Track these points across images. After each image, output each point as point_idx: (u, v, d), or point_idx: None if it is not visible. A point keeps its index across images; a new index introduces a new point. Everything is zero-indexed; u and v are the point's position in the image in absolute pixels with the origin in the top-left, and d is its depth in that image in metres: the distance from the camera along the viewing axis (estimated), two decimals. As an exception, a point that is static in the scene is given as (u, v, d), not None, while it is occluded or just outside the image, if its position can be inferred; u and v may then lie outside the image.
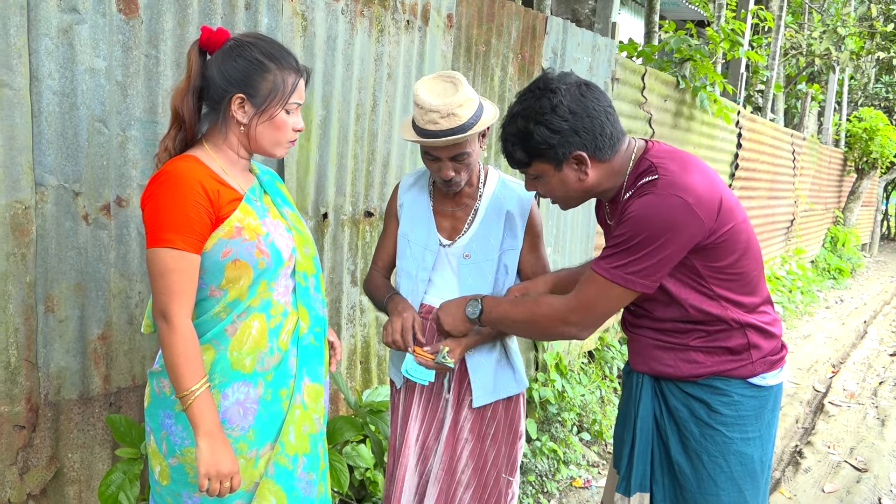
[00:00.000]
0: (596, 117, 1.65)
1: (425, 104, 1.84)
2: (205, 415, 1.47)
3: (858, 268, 13.02)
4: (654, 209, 1.58)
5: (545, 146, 1.66)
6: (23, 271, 1.87)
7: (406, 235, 2.10)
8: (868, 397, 5.44)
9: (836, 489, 3.81)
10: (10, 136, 1.79)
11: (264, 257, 1.59)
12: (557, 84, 1.66)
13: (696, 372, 1.74)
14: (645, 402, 1.85)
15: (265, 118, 1.59)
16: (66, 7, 1.86)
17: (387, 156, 3.02)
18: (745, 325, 1.72)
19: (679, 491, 1.80)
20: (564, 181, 1.72)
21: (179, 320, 1.48)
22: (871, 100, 18.73)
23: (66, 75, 1.89)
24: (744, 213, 1.71)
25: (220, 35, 1.57)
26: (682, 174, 1.61)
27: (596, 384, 4.35)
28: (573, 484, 3.56)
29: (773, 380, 1.77)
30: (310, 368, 1.72)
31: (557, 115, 1.63)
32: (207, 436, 1.47)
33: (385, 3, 2.85)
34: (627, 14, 11.70)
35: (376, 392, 2.79)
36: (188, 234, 1.48)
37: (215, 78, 1.56)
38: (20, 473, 1.95)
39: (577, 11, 5.68)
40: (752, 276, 1.73)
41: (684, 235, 1.57)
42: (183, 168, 1.51)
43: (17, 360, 1.89)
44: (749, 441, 1.75)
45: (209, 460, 1.47)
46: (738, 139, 7.52)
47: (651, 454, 1.85)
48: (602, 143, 1.67)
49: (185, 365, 1.47)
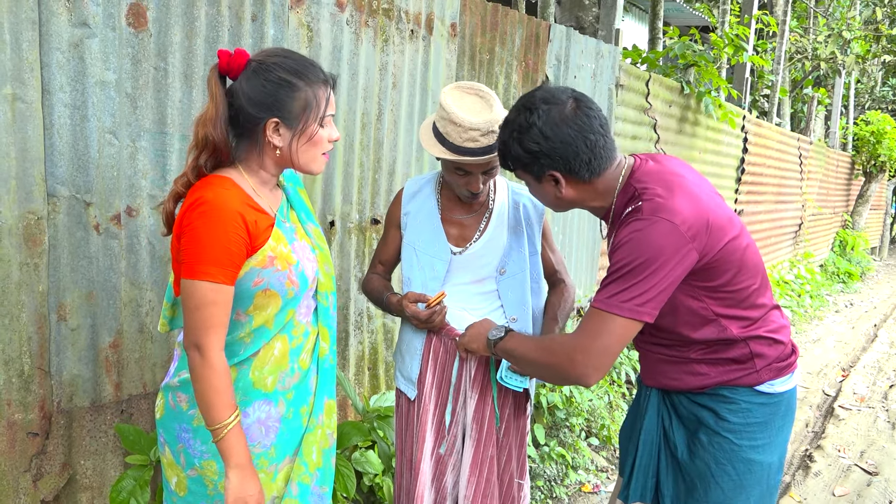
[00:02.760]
0: (570, 143, 1.62)
1: (464, 122, 1.83)
2: (235, 448, 1.48)
3: (868, 271, 12.95)
4: (642, 234, 1.55)
5: (521, 162, 1.68)
6: (35, 280, 1.90)
7: (413, 244, 2.08)
8: (878, 401, 5.41)
9: (846, 493, 3.79)
10: (22, 149, 1.83)
11: (294, 287, 1.58)
12: (539, 104, 1.64)
13: (702, 383, 1.73)
14: (650, 415, 1.85)
15: (304, 139, 1.55)
16: (76, 21, 1.90)
17: (392, 164, 3.05)
18: (747, 338, 1.70)
19: (688, 499, 1.80)
20: (544, 193, 1.74)
21: (214, 354, 1.46)
22: (877, 103, 18.69)
23: (77, 88, 1.93)
24: (738, 228, 1.67)
25: (240, 58, 1.50)
26: (666, 197, 1.59)
27: (604, 389, 4.35)
28: (582, 489, 3.56)
29: (782, 386, 1.75)
30: (328, 388, 1.73)
31: (530, 136, 1.63)
32: (238, 468, 1.48)
33: (389, 13, 2.88)
34: (631, 21, 11.73)
35: (384, 398, 2.80)
36: (228, 266, 1.46)
37: (244, 106, 1.49)
38: (34, 480, 1.97)
39: (581, 19, 5.71)
40: (752, 290, 1.70)
41: (676, 258, 1.54)
42: (223, 198, 1.46)
43: (30, 369, 1.92)
44: (757, 448, 1.74)
45: (238, 492, 1.48)
46: (743, 144, 7.52)
47: (658, 463, 1.85)
48: (577, 167, 1.65)
49: (218, 399, 1.46)
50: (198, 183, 1.51)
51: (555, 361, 1.66)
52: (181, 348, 1.63)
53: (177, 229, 1.50)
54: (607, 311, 1.57)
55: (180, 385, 1.59)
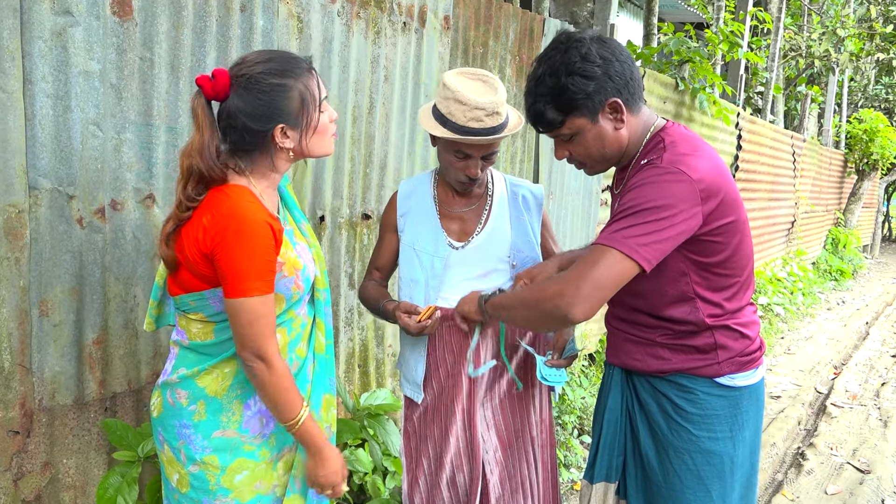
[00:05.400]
0: (625, 61, 1.63)
1: (470, 101, 1.82)
2: (314, 433, 1.59)
3: (860, 269, 13.00)
4: (656, 180, 1.55)
5: (581, 96, 1.61)
6: (17, 275, 1.86)
7: (412, 244, 2.05)
8: (870, 398, 5.42)
9: (839, 491, 3.78)
10: (3, 140, 1.78)
11: (299, 291, 1.62)
12: (581, 35, 1.64)
13: (662, 368, 1.73)
14: (614, 394, 1.86)
15: (311, 132, 1.57)
16: (59, 9, 1.85)
17: (384, 158, 3.01)
18: (714, 327, 1.69)
19: (648, 483, 1.81)
20: (601, 134, 1.67)
21: (277, 359, 1.51)
22: (871, 101, 18.74)
23: (60, 78, 1.88)
24: (744, 215, 1.69)
25: (223, 78, 1.49)
26: (689, 155, 1.59)
27: (597, 387, 4.33)
28: (574, 487, 3.54)
29: (743, 381, 1.73)
30: (326, 382, 1.74)
31: (589, 61, 1.60)
32: (321, 451, 1.60)
33: (381, 5, 2.84)
34: (626, 16, 11.71)
35: (374, 395, 2.77)
36: (269, 276, 1.50)
37: (247, 125, 1.50)
38: (14, 479, 1.93)
39: (576, 14, 5.68)
40: (736, 281, 1.69)
41: (685, 213, 1.53)
42: (252, 212, 1.47)
43: (10, 365, 1.87)
44: (717, 440, 1.73)
45: (323, 472, 1.61)
46: (738, 141, 7.51)
47: (623, 444, 1.86)
48: (634, 89, 1.65)
49: (291, 396, 1.54)
50: (213, 193, 1.50)
51: (543, 296, 1.57)
52: (178, 346, 1.63)
53: (202, 245, 1.49)
54: (606, 245, 1.53)
55: (180, 382, 1.59)
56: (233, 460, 1.60)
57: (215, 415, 1.59)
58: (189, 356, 1.60)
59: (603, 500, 1.87)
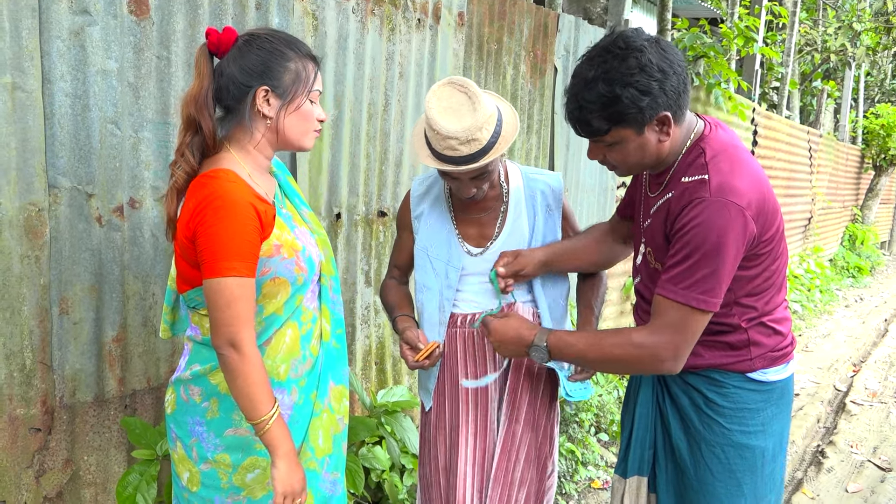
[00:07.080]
0: (681, 73, 1.55)
1: (442, 129, 1.69)
2: (281, 438, 1.49)
3: (878, 266, 12.85)
4: (709, 219, 1.52)
5: (634, 110, 1.53)
6: (37, 273, 1.87)
7: (426, 250, 1.97)
8: (890, 396, 5.35)
9: (860, 489, 3.74)
10: (23, 139, 1.80)
11: (303, 273, 1.58)
12: (641, 42, 1.53)
13: (695, 363, 1.72)
14: (645, 389, 1.84)
15: (292, 108, 1.54)
16: (77, 9, 1.86)
17: (399, 155, 3.00)
18: (748, 326, 1.68)
19: (679, 476, 1.81)
20: (644, 145, 1.61)
21: (250, 348, 1.45)
22: (887, 96, 18.52)
23: (78, 77, 1.89)
24: (781, 216, 1.67)
25: (229, 35, 1.52)
26: (732, 176, 1.55)
27: (613, 384, 4.30)
28: (592, 485, 3.52)
29: (775, 375, 1.73)
30: (334, 371, 1.72)
31: (647, 73, 1.51)
32: (286, 458, 1.49)
33: (396, 2, 2.84)
34: (639, 12, 11.64)
35: (391, 392, 2.77)
36: (249, 259, 1.45)
37: (235, 75, 1.50)
38: (36, 476, 1.94)
39: (589, 10, 5.65)
40: (776, 282, 1.69)
41: (742, 240, 1.53)
42: (234, 191, 1.45)
43: (31, 363, 1.89)
44: (749, 434, 1.72)
45: (287, 481, 1.49)
46: (753, 136, 7.44)
47: (654, 438, 1.85)
48: (684, 102, 1.59)
49: (260, 392, 1.46)
50: (199, 179, 1.50)
51: (636, 355, 1.63)
52: (192, 342, 1.62)
53: (186, 230, 1.47)
54: (686, 305, 1.56)
55: (193, 378, 1.59)
56: (245, 458, 1.59)
57: (228, 413, 1.58)
58: (203, 352, 1.59)
59: (636, 493, 1.87)
